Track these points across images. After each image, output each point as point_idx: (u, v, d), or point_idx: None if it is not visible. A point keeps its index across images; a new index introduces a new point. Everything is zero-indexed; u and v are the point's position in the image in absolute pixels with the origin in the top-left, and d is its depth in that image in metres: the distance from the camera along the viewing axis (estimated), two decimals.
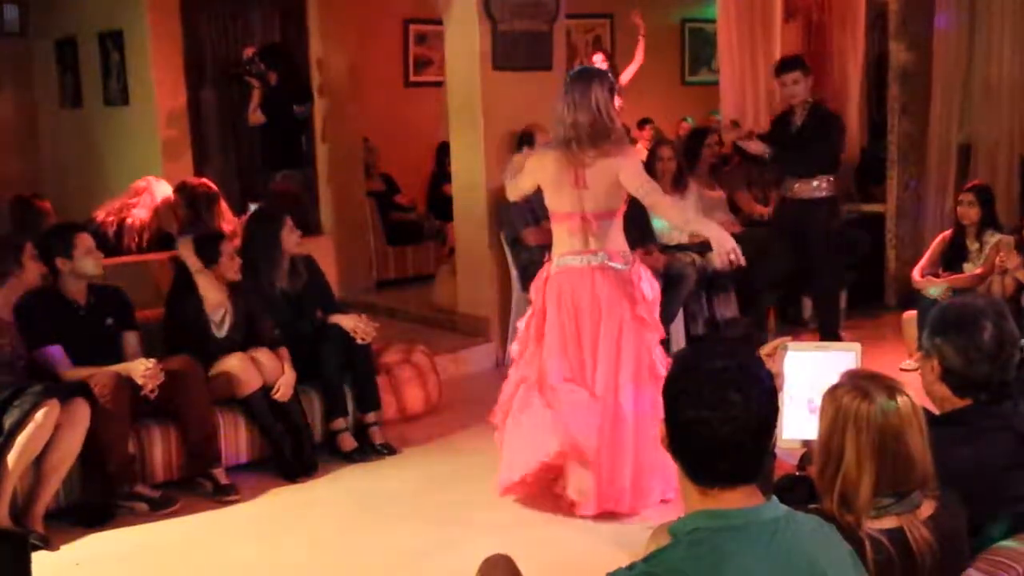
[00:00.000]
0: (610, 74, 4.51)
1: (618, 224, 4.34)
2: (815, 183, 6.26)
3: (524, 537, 4.08)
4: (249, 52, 7.40)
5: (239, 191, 7.09)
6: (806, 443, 2.65)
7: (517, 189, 4.58)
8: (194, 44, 7.77)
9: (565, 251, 4.34)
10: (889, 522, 2.09)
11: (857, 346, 2.64)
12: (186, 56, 7.72)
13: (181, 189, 6.08)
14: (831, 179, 6.30)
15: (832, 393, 2.21)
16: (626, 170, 4.22)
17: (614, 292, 4.27)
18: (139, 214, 6.01)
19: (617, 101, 8.29)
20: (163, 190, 6.15)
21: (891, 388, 2.17)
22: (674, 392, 1.82)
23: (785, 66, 6.37)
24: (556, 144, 4.32)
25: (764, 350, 2.50)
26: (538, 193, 4.46)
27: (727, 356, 1.84)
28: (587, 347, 4.28)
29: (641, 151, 9.04)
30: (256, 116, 7.38)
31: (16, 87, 9.25)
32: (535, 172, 4.40)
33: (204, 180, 6.24)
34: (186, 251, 4.94)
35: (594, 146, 4.19)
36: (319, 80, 8.08)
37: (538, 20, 6.72)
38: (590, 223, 4.26)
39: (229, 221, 5.94)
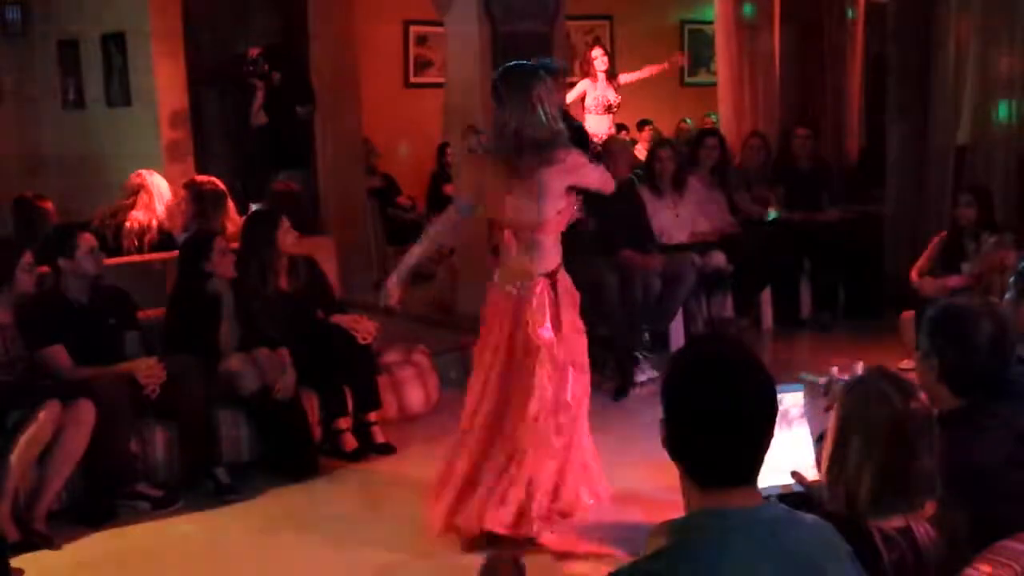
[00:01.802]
0: (556, 63, 4.14)
1: (553, 240, 3.97)
2: None
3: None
4: (253, 53, 7.39)
5: (241, 192, 7.09)
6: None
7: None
8: (196, 45, 7.79)
9: (504, 270, 4.04)
10: (898, 521, 2.11)
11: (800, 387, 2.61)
12: (188, 57, 7.73)
13: (189, 186, 6.11)
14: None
15: (851, 387, 2.22)
16: (585, 174, 3.97)
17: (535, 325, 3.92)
18: (137, 216, 6.01)
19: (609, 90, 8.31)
20: (159, 184, 6.14)
21: (908, 393, 2.18)
22: (672, 391, 1.83)
23: (560, 70, 5.72)
24: (497, 150, 3.96)
25: None
26: None
27: (727, 354, 1.84)
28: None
29: (640, 151, 9.09)
30: (259, 117, 7.38)
31: (18, 88, 9.26)
32: (477, 179, 4.08)
33: (213, 179, 6.26)
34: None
35: (539, 154, 3.83)
36: (319, 81, 8.09)
37: (538, 21, 6.73)
38: (526, 236, 3.94)
39: (234, 221, 5.95)
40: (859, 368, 2.38)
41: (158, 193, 6.10)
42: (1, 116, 9.18)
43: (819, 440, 2.66)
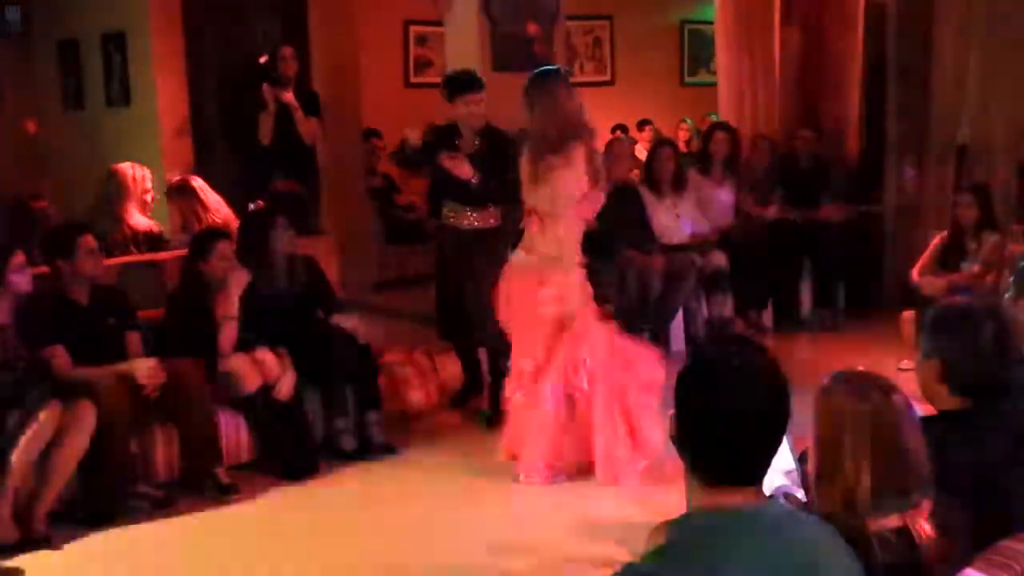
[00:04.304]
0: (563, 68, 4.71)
1: (572, 227, 4.59)
2: (489, 211, 5.45)
3: (521, 537, 4.11)
4: (287, 53, 7.09)
5: (241, 192, 7.06)
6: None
7: None
8: (196, 45, 7.77)
9: (521, 246, 4.67)
10: (894, 521, 2.10)
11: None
12: (188, 57, 7.72)
13: (166, 192, 6.10)
14: (499, 209, 5.48)
15: (826, 394, 2.22)
16: (568, 175, 4.49)
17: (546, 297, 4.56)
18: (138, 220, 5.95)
19: None
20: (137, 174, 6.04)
21: (884, 386, 2.19)
22: (687, 386, 1.82)
23: (475, 83, 5.39)
24: (528, 144, 4.61)
25: None
26: None
27: (743, 353, 1.84)
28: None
29: (640, 151, 9.09)
30: (312, 125, 7.03)
31: (18, 89, 9.25)
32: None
33: (182, 176, 6.23)
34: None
35: (557, 151, 4.45)
36: (319, 82, 8.08)
37: (538, 21, 6.74)
38: (541, 221, 4.54)
39: (215, 212, 5.88)
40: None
41: (141, 187, 5.98)
42: (1, 116, 9.17)
43: (801, 459, 2.65)
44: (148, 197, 5.95)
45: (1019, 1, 6.99)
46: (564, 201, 4.54)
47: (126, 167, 5.92)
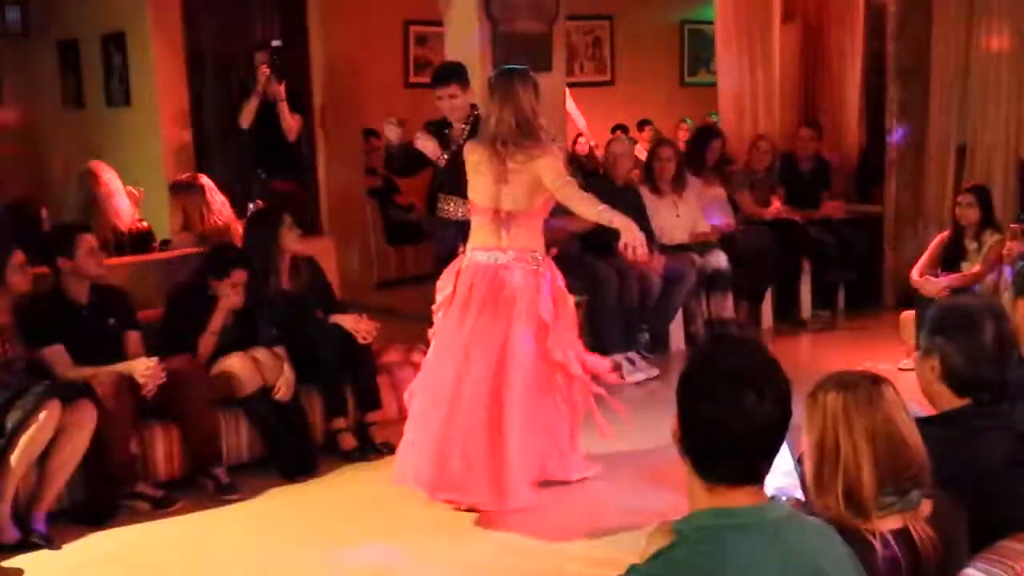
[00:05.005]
0: (531, 72, 4.51)
1: (535, 224, 4.42)
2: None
3: (521, 537, 4.11)
4: (274, 44, 7.08)
5: (240, 192, 7.06)
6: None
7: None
8: (196, 45, 7.78)
9: (477, 245, 4.43)
10: (894, 522, 2.10)
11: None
12: (188, 57, 7.73)
13: (171, 188, 6.08)
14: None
15: (815, 395, 2.22)
16: (544, 167, 4.28)
17: (515, 291, 4.35)
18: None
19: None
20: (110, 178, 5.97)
21: (871, 378, 2.19)
22: (689, 388, 1.83)
23: (439, 78, 5.38)
24: (483, 139, 4.44)
25: None
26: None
27: (744, 355, 1.84)
28: (477, 341, 4.34)
29: (640, 151, 9.09)
30: (295, 121, 7.03)
31: (18, 88, 9.25)
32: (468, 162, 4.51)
33: (191, 174, 6.19)
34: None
35: (518, 146, 4.30)
36: (319, 81, 8.09)
37: (538, 21, 6.74)
38: (504, 220, 4.36)
39: (219, 213, 5.85)
40: None
41: (115, 187, 5.93)
42: (1, 116, 9.17)
43: (801, 460, 2.65)
44: (130, 189, 5.90)
45: (1018, 1, 7.00)
46: (534, 200, 4.37)
47: (94, 167, 5.87)
